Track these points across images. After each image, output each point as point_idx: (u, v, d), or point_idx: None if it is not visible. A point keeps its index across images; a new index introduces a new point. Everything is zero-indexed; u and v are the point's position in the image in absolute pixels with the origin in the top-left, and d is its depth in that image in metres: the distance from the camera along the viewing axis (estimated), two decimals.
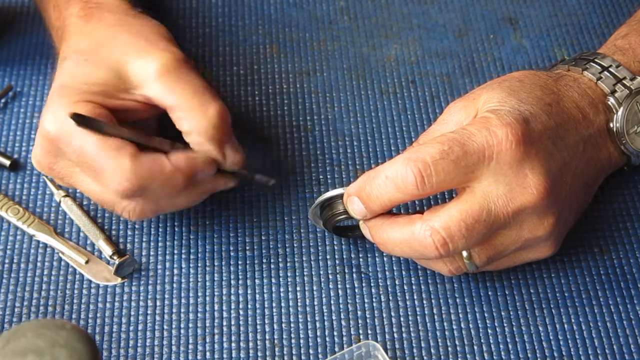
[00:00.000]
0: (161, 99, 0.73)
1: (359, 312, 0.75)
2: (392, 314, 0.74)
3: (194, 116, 0.72)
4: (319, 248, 0.78)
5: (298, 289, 0.76)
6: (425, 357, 0.72)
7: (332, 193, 0.73)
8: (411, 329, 0.74)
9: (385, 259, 0.77)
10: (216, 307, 0.75)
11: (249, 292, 0.76)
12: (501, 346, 0.73)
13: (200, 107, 0.72)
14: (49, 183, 0.82)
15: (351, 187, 0.71)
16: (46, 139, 0.71)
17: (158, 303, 0.75)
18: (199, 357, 0.72)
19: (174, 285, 0.76)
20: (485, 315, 0.74)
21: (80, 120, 0.68)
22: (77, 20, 0.77)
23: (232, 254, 0.78)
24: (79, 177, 0.73)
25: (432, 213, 0.68)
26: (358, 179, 0.70)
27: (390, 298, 0.75)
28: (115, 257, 0.77)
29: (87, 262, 0.77)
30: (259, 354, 0.72)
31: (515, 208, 0.67)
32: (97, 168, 0.70)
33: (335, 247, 0.78)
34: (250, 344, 0.73)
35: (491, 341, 0.73)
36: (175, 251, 0.78)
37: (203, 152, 0.73)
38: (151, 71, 0.73)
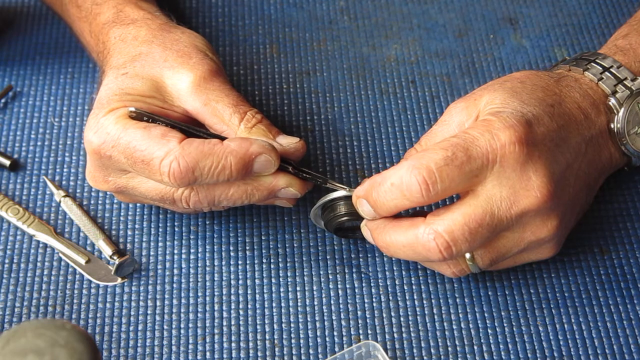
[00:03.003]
0: (196, 113, 0.74)
1: (359, 312, 0.75)
2: (392, 314, 0.74)
3: (232, 128, 0.73)
4: (319, 248, 0.78)
5: (298, 289, 0.76)
6: (425, 357, 0.72)
7: (334, 195, 0.73)
8: (411, 329, 0.74)
9: (385, 259, 0.77)
10: (216, 307, 0.75)
11: (249, 292, 0.76)
12: (501, 346, 0.73)
13: (237, 117, 0.73)
14: (49, 183, 0.82)
15: (359, 190, 0.71)
16: (93, 152, 0.72)
17: (158, 303, 0.75)
18: (199, 357, 0.72)
19: (174, 285, 0.76)
20: (485, 315, 0.74)
21: (134, 113, 0.71)
22: (116, 41, 0.78)
23: (232, 254, 0.78)
24: (134, 181, 0.73)
25: (436, 216, 0.68)
26: (365, 182, 0.70)
27: (390, 298, 0.75)
28: (115, 257, 0.77)
29: (87, 262, 0.77)
30: (259, 354, 0.72)
31: (518, 211, 0.67)
32: (146, 157, 0.70)
33: (335, 247, 0.78)
34: (250, 344, 0.73)
35: (491, 341, 0.73)
36: (175, 251, 0.78)
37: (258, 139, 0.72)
38: (184, 86, 0.74)
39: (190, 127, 0.72)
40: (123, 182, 0.74)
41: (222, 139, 0.71)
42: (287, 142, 0.74)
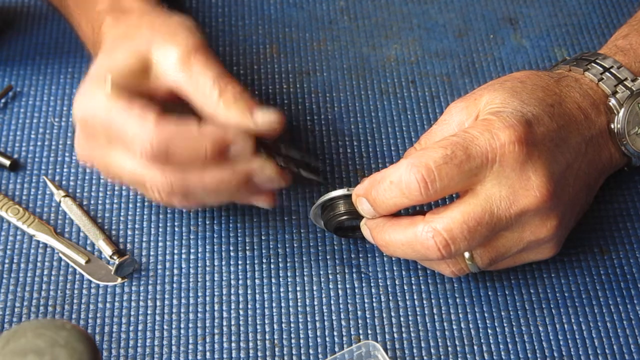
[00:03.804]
0: (180, 88, 0.73)
1: (359, 312, 0.75)
2: (392, 314, 0.74)
3: (211, 101, 0.72)
4: (319, 248, 0.78)
5: (298, 289, 0.76)
6: (425, 357, 0.72)
7: (334, 194, 0.73)
8: (411, 329, 0.74)
9: (385, 259, 0.77)
10: (216, 307, 0.75)
11: (249, 292, 0.76)
12: (501, 346, 0.73)
13: (216, 91, 0.72)
14: (49, 183, 0.82)
15: (359, 189, 0.71)
16: (79, 125, 0.73)
17: (158, 303, 0.75)
18: (199, 357, 0.72)
19: (174, 285, 0.76)
20: (485, 315, 0.74)
21: (118, 89, 0.71)
22: (109, 29, 0.78)
23: (232, 254, 0.78)
24: (115, 156, 0.72)
25: (435, 214, 0.68)
26: (365, 181, 0.70)
27: (390, 298, 0.75)
28: (115, 257, 0.77)
29: (87, 262, 0.77)
30: (259, 354, 0.72)
31: (517, 210, 0.67)
32: (123, 132, 0.70)
33: (335, 247, 0.78)
34: (250, 344, 0.73)
35: (491, 341, 0.73)
36: (175, 251, 0.78)
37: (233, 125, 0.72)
38: (170, 61, 0.74)
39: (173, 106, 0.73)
40: (104, 154, 0.73)
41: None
42: (263, 119, 0.72)
